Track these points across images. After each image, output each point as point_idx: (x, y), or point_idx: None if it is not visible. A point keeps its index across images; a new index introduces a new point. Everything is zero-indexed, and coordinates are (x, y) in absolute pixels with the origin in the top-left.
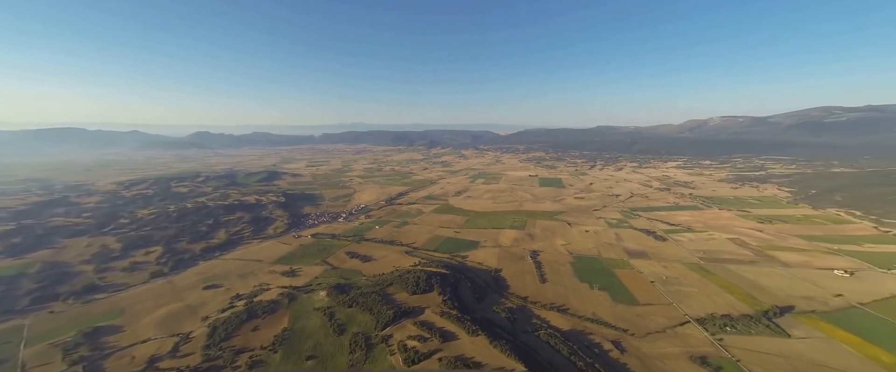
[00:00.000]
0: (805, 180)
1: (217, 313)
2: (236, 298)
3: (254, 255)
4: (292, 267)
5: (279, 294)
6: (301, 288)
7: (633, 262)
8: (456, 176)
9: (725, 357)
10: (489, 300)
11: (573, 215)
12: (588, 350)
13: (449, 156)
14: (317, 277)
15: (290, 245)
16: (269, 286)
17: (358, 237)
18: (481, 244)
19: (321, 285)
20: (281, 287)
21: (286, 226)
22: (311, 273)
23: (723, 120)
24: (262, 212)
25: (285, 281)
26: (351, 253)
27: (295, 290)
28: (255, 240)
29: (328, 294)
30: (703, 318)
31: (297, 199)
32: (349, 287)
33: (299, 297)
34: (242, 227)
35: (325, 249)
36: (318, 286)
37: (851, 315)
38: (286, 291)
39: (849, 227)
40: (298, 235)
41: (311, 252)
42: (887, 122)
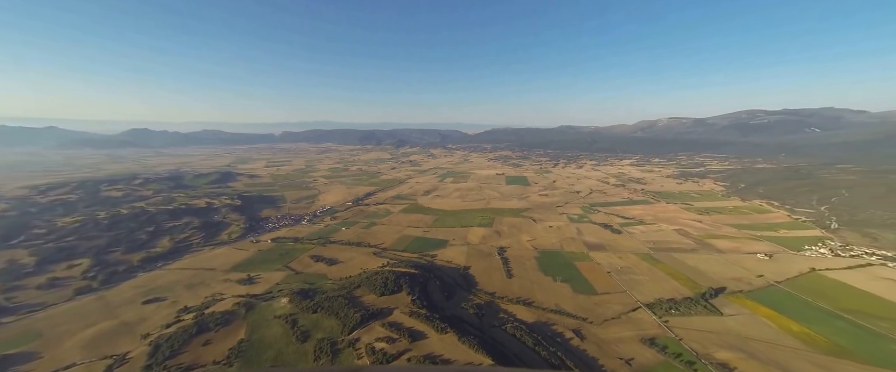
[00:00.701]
0: (735, 175)
1: (160, 329)
2: (184, 311)
3: (205, 263)
4: (250, 274)
5: (235, 304)
6: (260, 296)
7: (592, 254)
8: (425, 175)
9: (670, 337)
10: (458, 297)
11: (538, 212)
12: (551, 340)
13: (418, 155)
14: (278, 284)
15: (248, 251)
16: (224, 296)
17: (323, 240)
18: (450, 243)
19: (283, 292)
20: (237, 296)
21: (242, 230)
22: (271, 279)
23: (670, 121)
24: (215, 216)
25: (242, 289)
26: (316, 256)
27: (253, 298)
28: (206, 247)
29: (290, 300)
30: (652, 303)
31: (254, 201)
32: (314, 292)
33: (258, 305)
34: (191, 233)
35: (288, 253)
36: (280, 293)
37: (770, 293)
38: (243, 300)
39: (769, 215)
40: (257, 239)
41: (271, 257)
42: (799, 124)
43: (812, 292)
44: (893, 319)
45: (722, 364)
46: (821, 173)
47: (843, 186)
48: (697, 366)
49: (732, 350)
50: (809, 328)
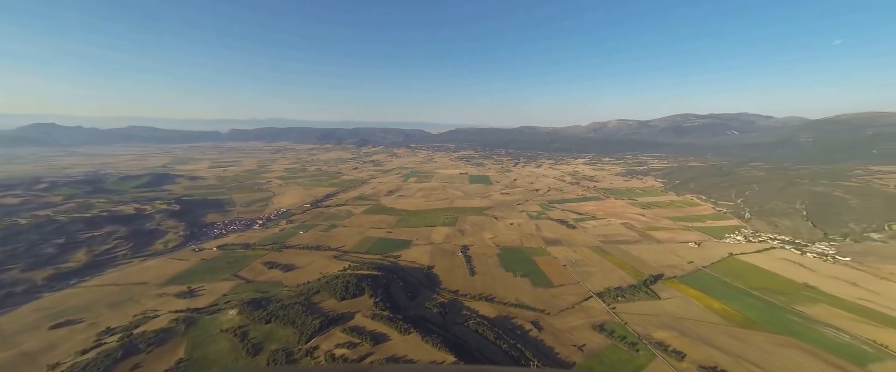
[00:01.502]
0: (672, 173)
1: (74, 357)
2: (106, 334)
3: (134, 277)
4: (191, 286)
5: (172, 320)
6: (203, 309)
7: (549, 249)
8: (388, 175)
9: (617, 322)
10: (422, 297)
11: (500, 210)
12: (511, 332)
13: (381, 154)
14: (225, 295)
15: (188, 261)
16: (158, 312)
17: (278, 245)
18: (414, 243)
19: (231, 303)
20: (174, 311)
21: (182, 238)
22: (217, 291)
23: (618, 122)
24: (146, 224)
25: (180, 304)
26: (269, 263)
27: (195, 312)
28: (135, 259)
29: (240, 312)
30: (602, 292)
31: (196, 206)
32: (267, 301)
33: (201, 320)
34: (115, 244)
35: (237, 261)
36: (227, 304)
37: (698, 276)
38: (182, 316)
39: (698, 208)
40: (199, 247)
41: (217, 266)
42: (722, 128)
43: (730, 274)
44: (789, 293)
45: (659, 342)
46: (738, 170)
47: (754, 182)
48: (639, 346)
49: (667, 329)
50: (727, 305)
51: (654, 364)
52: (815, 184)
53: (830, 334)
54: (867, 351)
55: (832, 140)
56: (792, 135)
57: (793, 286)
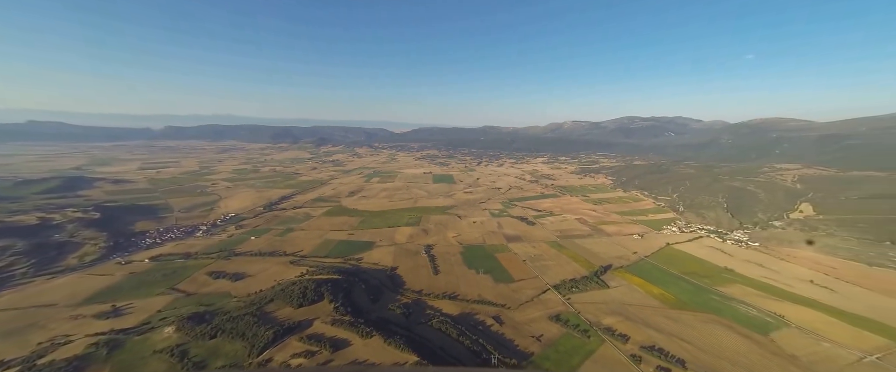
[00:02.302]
0: (620, 171)
1: None
2: None
3: (38, 298)
4: (115, 304)
5: (90, 345)
6: (132, 329)
7: (510, 245)
8: (349, 175)
9: (572, 312)
10: (385, 299)
11: (463, 209)
12: (474, 328)
13: (341, 154)
14: (159, 311)
15: (112, 276)
16: (71, 337)
17: (226, 253)
18: (377, 244)
19: (167, 320)
20: (94, 335)
21: (104, 251)
22: (149, 308)
23: (573, 124)
24: (54, 235)
25: (102, 325)
26: (216, 273)
27: (121, 333)
28: (39, 277)
29: (178, 328)
30: (558, 284)
31: (122, 213)
32: (212, 314)
33: (128, 341)
34: (11, 261)
35: (174, 272)
36: (163, 322)
37: (640, 265)
38: (104, 339)
39: (642, 203)
40: (126, 260)
41: (150, 280)
42: (662, 129)
43: (667, 262)
44: (712, 276)
45: (607, 328)
46: (674, 168)
47: (686, 179)
48: (590, 332)
49: (615, 315)
50: (664, 290)
51: (603, 348)
52: (733, 180)
53: (743, 309)
54: (770, 322)
55: (746, 142)
56: (716, 137)
57: (715, 270)
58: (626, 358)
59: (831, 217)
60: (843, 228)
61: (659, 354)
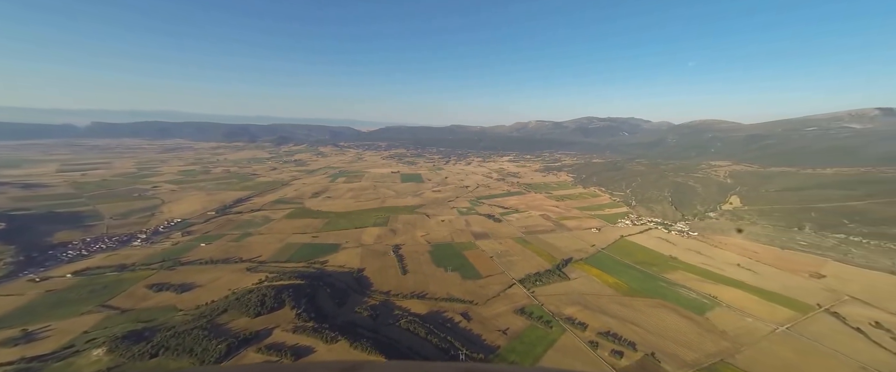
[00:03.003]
0: (580, 168)
1: None
2: None
3: None
4: (27, 328)
5: None
6: (50, 355)
7: (478, 242)
8: (313, 176)
9: (536, 304)
10: (351, 302)
11: (431, 207)
12: (442, 326)
13: (304, 154)
14: (86, 332)
15: (22, 295)
16: None
17: (170, 262)
18: (343, 246)
19: (96, 341)
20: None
21: (11, 266)
22: (72, 329)
23: (538, 123)
24: None
25: (9, 354)
26: (157, 285)
27: (35, 361)
28: None
29: (111, 350)
30: (523, 278)
31: (36, 222)
32: (152, 331)
33: (45, 369)
34: None
35: (106, 287)
36: (90, 344)
37: (598, 257)
38: (12, 369)
39: (599, 199)
40: (42, 276)
41: (73, 297)
42: (617, 129)
43: (621, 253)
44: (659, 264)
45: (568, 317)
46: (627, 166)
47: (638, 175)
48: (552, 323)
49: (575, 305)
50: (618, 279)
51: (564, 337)
52: (677, 176)
53: (684, 293)
54: (706, 303)
55: (687, 141)
56: (663, 136)
57: (662, 258)
58: (585, 345)
59: (754, 208)
60: (763, 217)
61: (613, 338)
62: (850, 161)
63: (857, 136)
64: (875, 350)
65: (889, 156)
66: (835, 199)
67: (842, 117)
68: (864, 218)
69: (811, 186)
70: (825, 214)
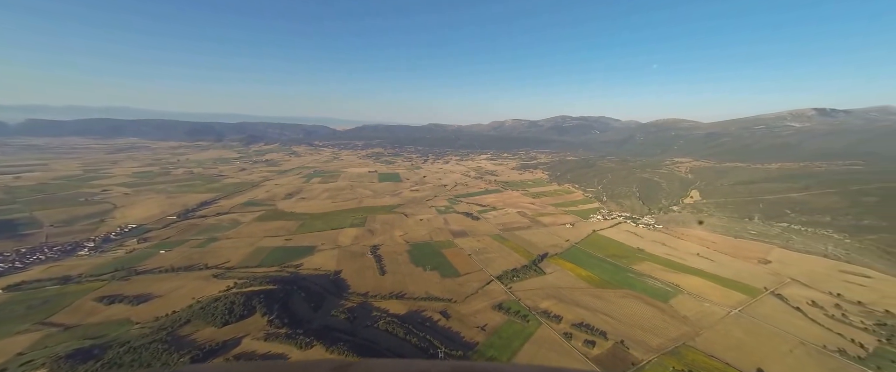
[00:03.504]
0: (555, 166)
1: None
2: None
3: None
4: None
5: None
6: None
7: (456, 241)
8: (286, 176)
9: (513, 299)
10: (328, 306)
11: (410, 207)
12: (421, 325)
13: (276, 153)
14: (21, 354)
15: None
16: None
17: (124, 272)
18: (318, 248)
19: (34, 363)
20: None
21: None
22: (3, 351)
23: (514, 122)
24: None
25: None
26: (108, 297)
27: None
28: None
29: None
30: (501, 275)
31: None
32: (103, 348)
33: None
34: None
35: (46, 302)
36: (27, 366)
37: (572, 251)
38: None
39: (573, 195)
40: None
41: (4, 316)
42: (589, 128)
43: (593, 247)
44: (628, 257)
45: (544, 311)
46: (599, 163)
47: (609, 172)
48: (529, 317)
49: (551, 299)
50: (591, 272)
51: (540, 330)
52: (644, 172)
53: (650, 283)
54: (669, 291)
55: (653, 139)
56: (631, 134)
57: (630, 251)
58: (560, 336)
59: (712, 201)
60: (719, 209)
61: (586, 329)
62: (791, 156)
63: (797, 134)
64: (811, 326)
65: (823, 152)
66: (779, 191)
67: (784, 117)
68: (802, 208)
69: (759, 179)
70: (771, 205)
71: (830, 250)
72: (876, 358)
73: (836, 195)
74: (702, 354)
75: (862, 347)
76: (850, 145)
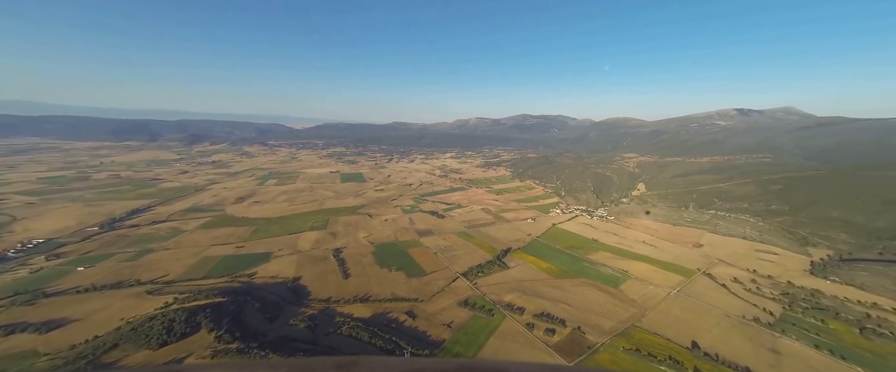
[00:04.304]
0: (517, 163)
1: None
2: None
3: None
4: None
5: None
6: None
7: (422, 240)
8: (237, 179)
9: (478, 295)
10: (286, 315)
11: (374, 207)
12: (386, 327)
13: (225, 154)
14: None
15: None
16: None
17: (28, 295)
18: (275, 254)
19: None
20: None
21: None
22: None
23: (478, 120)
24: None
25: None
26: (8, 326)
27: None
28: None
29: None
30: (466, 271)
31: None
32: None
33: None
34: None
35: None
36: None
37: (533, 245)
38: None
39: (534, 191)
40: None
41: None
42: (548, 126)
43: (553, 239)
44: (584, 247)
45: (508, 304)
46: (557, 160)
47: (566, 168)
48: (494, 311)
49: (514, 292)
50: (550, 264)
51: (505, 322)
52: (597, 167)
53: (603, 270)
54: (619, 277)
55: (605, 136)
56: (586, 132)
57: (586, 242)
58: (523, 327)
59: (655, 192)
60: (661, 200)
61: (547, 318)
62: (718, 151)
63: (723, 132)
64: (733, 300)
65: (742, 146)
66: (709, 182)
67: (712, 116)
68: (726, 196)
69: (693, 172)
70: (702, 194)
71: (748, 233)
72: (781, 323)
73: (751, 184)
74: (647, 333)
75: (771, 314)
76: (762, 141)
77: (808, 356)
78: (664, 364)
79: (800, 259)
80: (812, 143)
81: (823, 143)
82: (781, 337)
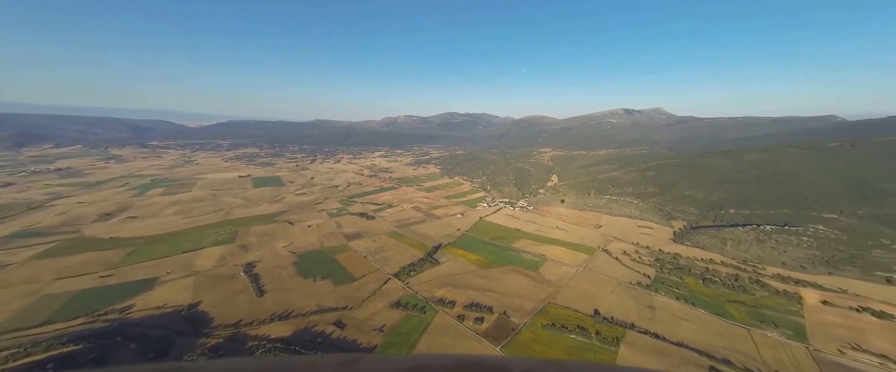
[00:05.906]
0: (446, 160)
1: None
2: None
3: None
4: None
5: None
6: None
7: (350, 244)
8: (99, 190)
9: (411, 293)
10: (179, 350)
11: (295, 213)
12: (311, 343)
13: (79, 159)
14: None
15: None
16: None
17: None
18: (163, 279)
19: None
20: None
21: None
22: None
23: (406, 118)
24: None
25: None
26: None
27: None
28: None
29: None
30: (398, 271)
31: None
32: None
33: None
34: None
35: None
36: None
37: (463, 239)
38: None
39: (462, 187)
40: None
41: None
42: (474, 124)
43: (480, 232)
44: (509, 237)
45: (440, 299)
46: (483, 156)
47: (491, 164)
48: (426, 307)
49: (445, 286)
50: (479, 255)
51: (437, 317)
52: (518, 162)
53: (525, 257)
54: (538, 261)
55: (524, 133)
56: (508, 129)
57: (509, 232)
58: (454, 320)
59: (565, 182)
60: (570, 189)
61: (476, 308)
62: (612, 145)
63: (614, 129)
64: (623, 269)
65: (629, 140)
66: (604, 171)
67: (606, 115)
68: (617, 183)
69: (594, 163)
70: (600, 182)
71: (632, 212)
72: (656, 283)
73: (634, 172)
74: (561, 308)
75: (648, 277)
76: (642, 135)
77: (672, 307)
78: (574, 332)
79: (666, 230)
80: (672, 137)
81: (680, 137)
82: (655, 294)
